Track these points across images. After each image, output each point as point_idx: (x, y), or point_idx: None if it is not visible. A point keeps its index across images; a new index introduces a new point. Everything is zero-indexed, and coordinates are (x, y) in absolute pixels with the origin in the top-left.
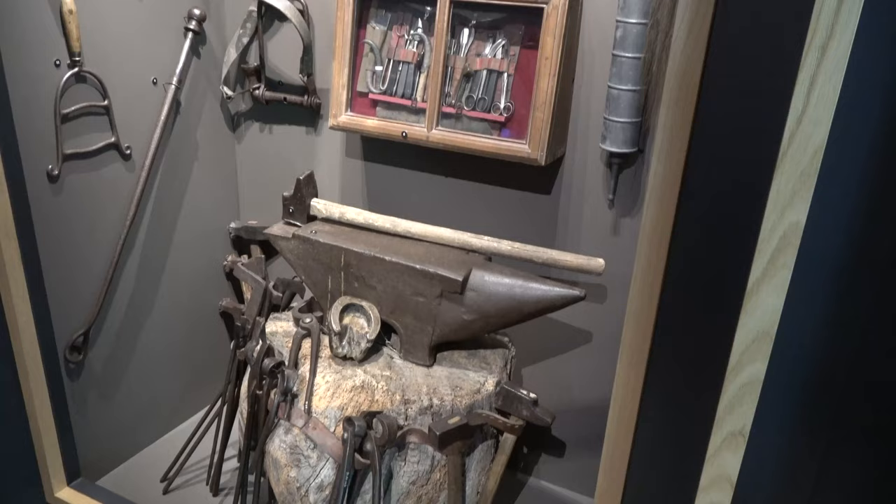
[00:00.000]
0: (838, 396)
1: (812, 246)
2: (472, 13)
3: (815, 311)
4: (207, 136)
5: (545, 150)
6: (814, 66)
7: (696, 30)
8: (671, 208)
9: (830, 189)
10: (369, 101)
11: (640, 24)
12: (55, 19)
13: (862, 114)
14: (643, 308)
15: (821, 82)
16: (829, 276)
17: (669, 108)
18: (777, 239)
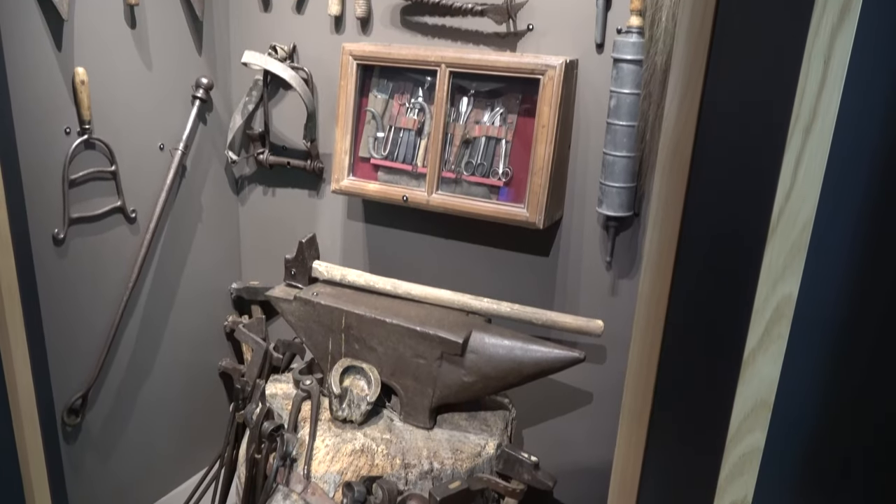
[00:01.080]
0: (839, 464)
1: (806, 316)
2: (471, 83)
3: (813, 379)
4: (211, 199)
5: (543, 213)
6: (798, 147)
7: (687, 106)
8: (667, 277)
9: (821, 261)
10: (371, 166)
11: (633, 94)
12: (67, 89)
13: (849, 188)
14: (642, 376)
15: (806, 161)
16: (824, 345)
17: (663, 179)
18: (771, 310)
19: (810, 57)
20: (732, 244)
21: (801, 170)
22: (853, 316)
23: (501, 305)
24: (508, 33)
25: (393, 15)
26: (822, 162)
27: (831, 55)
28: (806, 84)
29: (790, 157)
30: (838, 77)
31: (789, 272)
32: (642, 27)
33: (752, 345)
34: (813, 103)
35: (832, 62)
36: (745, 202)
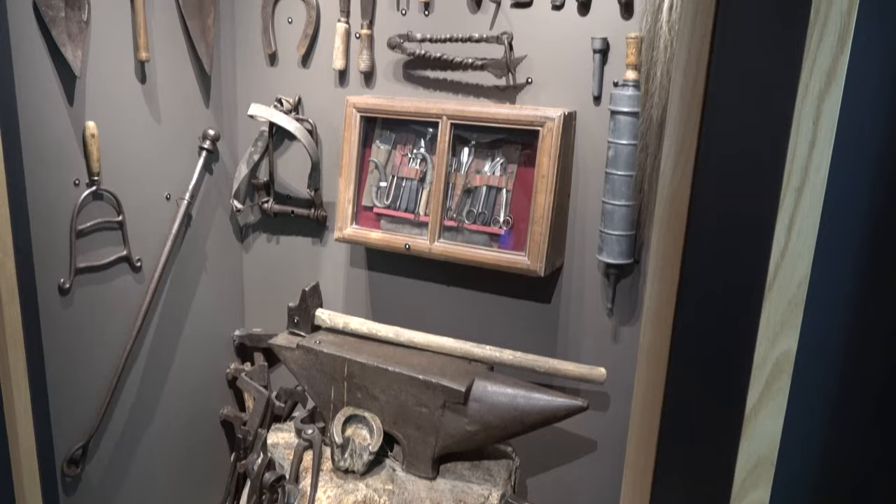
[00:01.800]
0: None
1: (806, 372)
2: (472, 134)
3: (815, 435)
4: (216, 247)
5: (544, 261)
6: (792, 206)
7: (682, 163)
8: (667, 332)
9: (819, 316)
10: (374, 215)
11: (631, 145)
12: (78, 142)
13: (843, 244)
14: (644, 431)
15: (800, 220)
16: (825, 399)
17: (660, 234)
18: (770, 366)
19: (799, 119)
20: (731, 299)
21: (794, 228)
22: (853, 370)
23: (504, 353)
24: (508, 86)
25: (395, 69)
26: (814, 220)
27: (820, 117)
28: (797, 145)
29: (784, 215)
30: (828, 138)
31: (788, 328)
32: (638, 81)
33: (753, 400)
34: (804, 163)
35: (821, 123)
36: (742, 258)
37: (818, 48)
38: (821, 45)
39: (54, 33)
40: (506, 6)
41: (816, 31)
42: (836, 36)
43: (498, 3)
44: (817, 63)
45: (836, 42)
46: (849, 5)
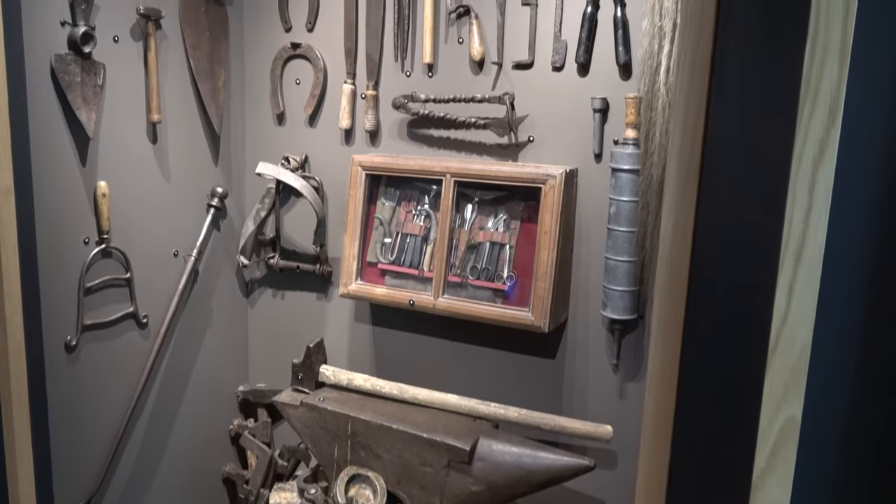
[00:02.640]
0: None
1: (813, 438)
2: (475, 191)
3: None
4: (222, 303)
5: (548, 317)
6: (791, 272)
7: (681, 228)
8: (671, 397)
9: (823, 382)
10: (378, 271)
11: (632, 201)
12: (89, 201)
13: (845, 309)
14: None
15: (800, 286)
16: (833, 467)
17: (661, 299)
18: (776, 433)
19: (795, 187)
20: (734, 365)
21: (794, 294)
22: (860, 436)
23: (509, 410)
24: (510, 144)
25: (400, 128)
26: (814, 286)
27: (815, 185)
28: (793, 212)
29: (783, 281)
30: (823, 205)
31: (792, 394)
32: (637, 139)
33: (759, 468)
34: (801, 230)
35: (816, 191)
36: (744, 323)
37: (810, 120)
38: (812, 118)
39: (70, 97)
40: (507, 68)
41: (808, 105)
42: (827, 109)
43: (500, 65)
44: (809, 134)
45: (827, 114)
46: (838, 80)
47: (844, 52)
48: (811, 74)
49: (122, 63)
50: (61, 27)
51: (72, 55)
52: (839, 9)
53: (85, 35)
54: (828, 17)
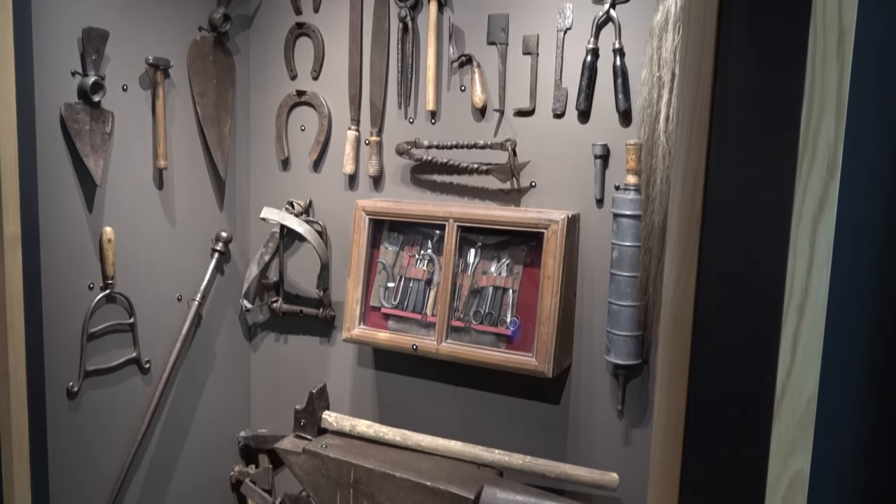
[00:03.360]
0: None
1: (821, 492)
2: (478, 236)
3: None
4: (224, 347)
5: (551, 362)
6: (794, 324)
7: (684, 279)
8: (677, 449)
9: (831, 435)
10: (381, 315)
11: (634, 246)
12: (94, 247)
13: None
14: None
15: (804, 338)
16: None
17: (665, 348)
18: (784, 487)
19: (796, 241)
20: (740, 418)
21: (799, 346)
22: (868, 490)
23: (513, 457)
24: (512, 190)
25: (403, 173)
26: (818, 338)
27: (816, 239)
28: (795, 266)
29: (787, 333)
30: (825, 258)
31: (799, 447)
32: (639, 185)
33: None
34: (804, 283)
35: (817, 245)
36: (749, 376)
37: (809, 175)
38: (811, 173)
39: (78, 145)
40: (509, 115)
41: (806, 160)
42: (826, 164)
43: (501, 112)
44: (809, 189)
45: (825, 170)
46: (835, 135)
47: (841, 107)
48: (809, 130)
49: (130, 111)
50: (72, 77)
51: (81, 104)
52: (834, 64)
53: (95, 84)
54: (823, 72)
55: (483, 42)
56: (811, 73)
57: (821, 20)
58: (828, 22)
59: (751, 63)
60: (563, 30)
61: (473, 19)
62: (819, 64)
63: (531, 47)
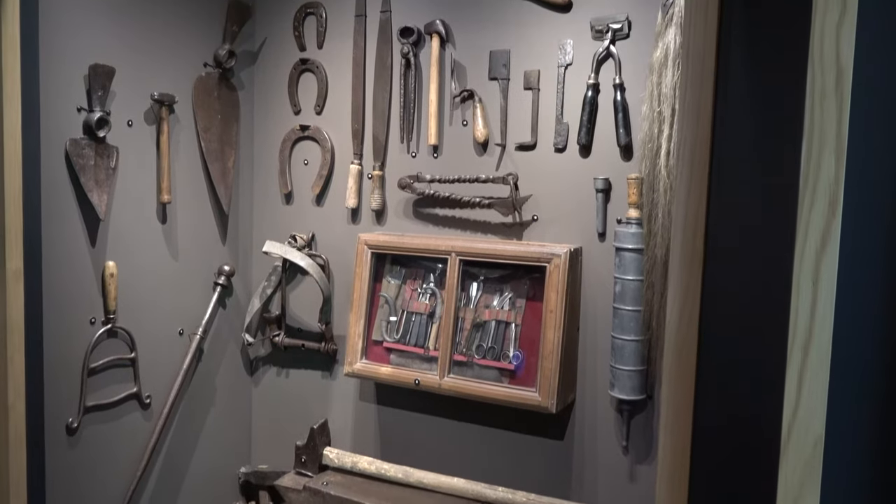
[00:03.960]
0: None
1: None
2: (480, 270)
3: None
4: (226, 382)
5: (555, 397)
6: (799, 364)
7: (687, 315)
8: (683, 492)
9: (839, 477)
10: (384, 349)
11: (637, 280)
12: (97, 282)
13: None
14: None
15: (809, 378)
16: None
17: (670, 384)
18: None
19: (799, 279)
20: (747, 460)
21: (804, 385)
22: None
23: (517, 495)
24: (515, 223)
25: (406, 207)
26: (824, 377)
27: (819, 276)
28: (798, 305)
29: (792, 372)
30: (829, 297)
31: (807, 490)
32: (640, 219)
33: None
34: (808, 322)
35: (821, 283)
36: (755, 417)
37: (810, 213)
38: (813, 210)
39: (83, 180)
40: (511, 149)
41: (807, 198)
42: (827, 201)
43: (503, 146)
44: (811, 226)
45: (827, 207)
46: (836, 172)
47: (841, 144)
48: (809, 167)
49: (135, 146)
50: (77, 113)
51: (86, 139)
52: (833, 102)
53: (100, 120)
54: (822, 109)
55: (485, 77)
56: (810, 111)
57: (818, 58)
58: (826, 60)
59: (750, 100)
60: (564, 65)
61: (475, 55)
62: (818, 101)
63: (532, 82)
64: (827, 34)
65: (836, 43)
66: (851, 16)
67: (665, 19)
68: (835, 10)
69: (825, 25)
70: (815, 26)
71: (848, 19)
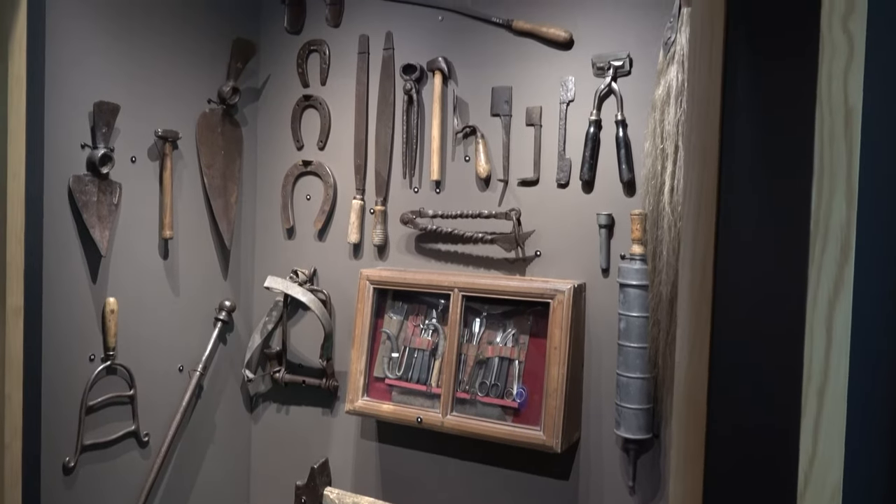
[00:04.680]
0: None
1: None
2: (483, 305)
3: None
4: (225, 419)
5: (560, 436)
6: (815, 412)
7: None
8: None
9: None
10: (385, 386)
11: (642, 317)
12: (97, 318)
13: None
14: None
15: (825, 425)
16: None
17: (681, 430)
18: None
19: (812, 325)
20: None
21: (821, 433)
22: None
23: None
24: (517, 259)
25: (408, 242)
26: (840, 426)
27: (832, 322)
28: (812, 349)
29: (808, 420)
30: (843, 344)
31: None
32: (644, 255)
33: None
34: (822, 369)
35: (835, 331)
36: (770, 465)
37: (822, 258)
38: (825, 255)
39: (85, 216)
40: (513, 184)
41: (819, 242)
42: (839, 246)
43: (505, 182)
44: (823, 272)
45: (839, 252)
46: (847, 216)
47: (851, 187)
48: (820, 211)
49: (138, 182)
50: (81, 149)
51: (89, 175)
52: (842, 144)
53: (104, 157)
54: (832, 151)
55: (487, 113)
56: (819, 154)
57: (826, 101)
58: (834, 103)
59: (756, 142)
60: (566, 102)
61: (477, 92)
62: (827, 143)
63: (534, 119)
64: (835, 78)
65: (843, 87)
66: (859, 59)
67: (667, 57)
68: (842, 54)
69: (832, 69)
70: (823, 70)
71: (855, 63)
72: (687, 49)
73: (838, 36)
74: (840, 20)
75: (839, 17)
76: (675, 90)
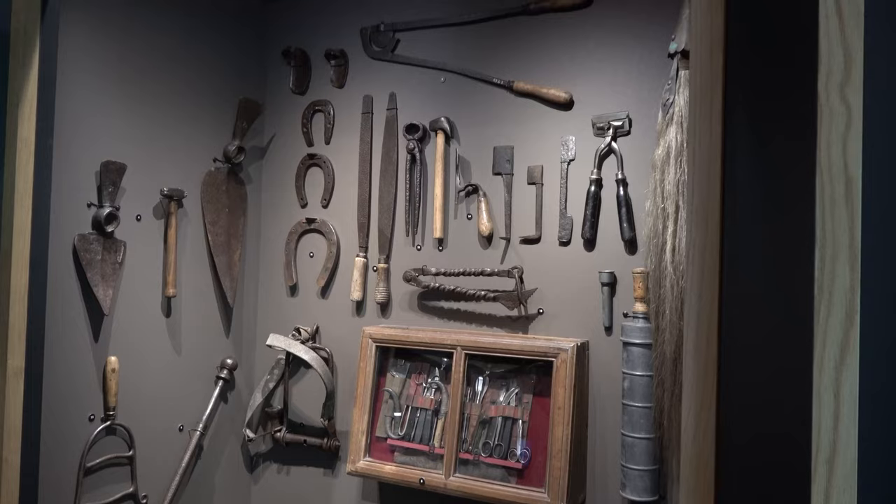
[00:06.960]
0: None
1: None
2: (486, 364)
3: None
4: (225, 480)
5: (565, 499)
6: (825, 480)
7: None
8: None
9: None
10: (387, 446)
11: (646, 376)
12: (98, 377)
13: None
14: None
15: (836, 494)
16: None
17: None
18: None
19: (819, 391)
20: None
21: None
22: None
23: None
24: (520, 317)
25: (411, 300)
26: (852, 494)
27: (840, 388)
28: (821, 417)
29: (818, 490)
30: (851, 409)
31: None
32: (647, 313)
33: None
34: (831, 436)
35: (842, 394)
36: None
37: (827, 323)
38: (829, 320)
39: (89, 275)
40: (515, 242)
41: (823, 308)
42: (844, 311)
43: (508, 240)
44: (829, 337)
45: (844, 317)
46: (851, 281)
47: (854, 253)
48: (823, 276)
49: (142, 240)
50: (87, 208)
51: (94, 234)
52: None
53: (109, 216)
54: (833, 219)
55: (489, 172)
56: (821, 220)
57: (826, 167)
58: (834, 169)
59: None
60: (567, 161)
61: (479, 151)
62: (829, 211)
63: (536, 177)
64: (834, 144)
65: (843, 152)
66: (857, 126)
67: (665, 118)
68: (840, 120)
69: (831, 135)
70: (822, 136)
71: (854, 129)
72: (686, 110)
73: (836, 103)
74: (837, 88)
75: (836, 85)
76: (675, 150)
